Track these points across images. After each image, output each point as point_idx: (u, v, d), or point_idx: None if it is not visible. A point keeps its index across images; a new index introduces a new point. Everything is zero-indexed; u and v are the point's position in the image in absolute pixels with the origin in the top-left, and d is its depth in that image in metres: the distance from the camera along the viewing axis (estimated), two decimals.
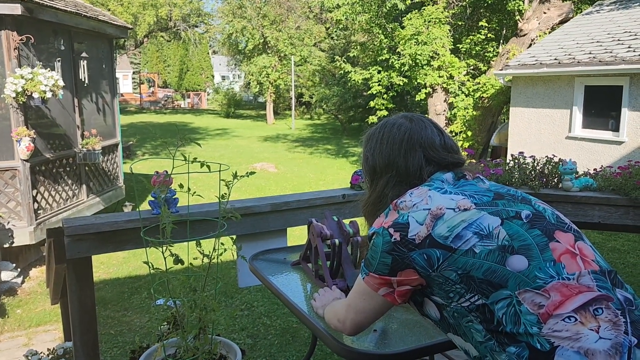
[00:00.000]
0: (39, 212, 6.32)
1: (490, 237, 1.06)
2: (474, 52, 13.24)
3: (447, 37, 12.43)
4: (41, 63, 6.16)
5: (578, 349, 0.93)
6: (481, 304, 1.04)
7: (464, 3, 13.36)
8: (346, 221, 1.98)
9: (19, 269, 6.14)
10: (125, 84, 41.85)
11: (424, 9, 12.42)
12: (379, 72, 13.51)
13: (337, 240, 1.82)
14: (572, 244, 1.09)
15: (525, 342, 0.98)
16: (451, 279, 1.07)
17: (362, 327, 1.29)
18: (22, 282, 6.12)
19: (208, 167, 1.69)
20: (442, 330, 1.20)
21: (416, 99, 14.00)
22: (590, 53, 9.04)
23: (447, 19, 12.64)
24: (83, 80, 7.48)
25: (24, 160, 5.97)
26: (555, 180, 3.07)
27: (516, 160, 3.17)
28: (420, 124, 1.32)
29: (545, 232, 1.09)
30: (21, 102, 5.78)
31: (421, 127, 1.31)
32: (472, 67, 13.11)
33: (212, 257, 1.74)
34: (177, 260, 1.70)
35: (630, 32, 9.21)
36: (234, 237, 2.64)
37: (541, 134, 9.79)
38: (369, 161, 1.35)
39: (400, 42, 12.38)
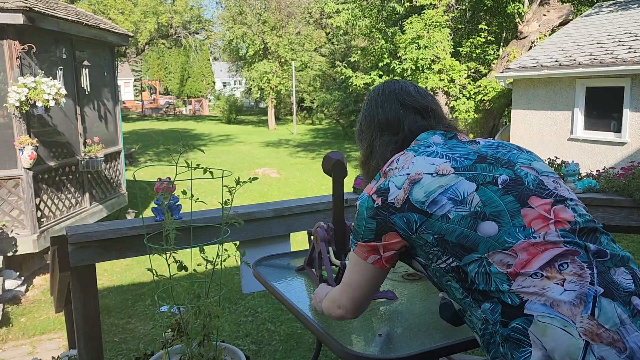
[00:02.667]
0: (42, 220, 6.33)
1: (464, 203, 1.10)
2: (475, 55, 13.26)
3: (448, 40, 12.45)
4: (43, 72, 6.18)
5: (544, 302, 0.99)
6: (455, 265, 1.10)
7: (464, 6, 13.39)
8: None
9: (22, 278, 6.14)
10: (126, 92, 41.97)
11: (424, 13, 12.45)
12: (380, 76, 13.52)
13: (347, 262, 1.83)
14: (547, 209, 1.10)
15: (497, 298, 1.04)
16: (429, 241, 1.13)
17: (361, 303, 1.31)
18: (26, 290, 6.12)
19: (211, 173, 1.69)
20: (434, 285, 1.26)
21: None
22: (590, 54, 9.04)
23: (447, 23, 12.66)
24: (85, 88, 7.50)
25: (27, 168, 5.98)
26: None
27: None
28: (393, 80, 1.43)
29: (519, 198, 1.11)
30: (24, 111, 5.80)
31: (394, 82, 1.42)
32: (472, 70, 13.12)
33: (216, 263, 1.74)
34: (181, 266, 1.70)
35: (630, 33, 9.22)
36: (238, 243, 2.65)
37: (543, 136, 9.78)
38: (357, 129, 1.46)
39: (401, 47, 12.39)
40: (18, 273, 6.10)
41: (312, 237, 1.99)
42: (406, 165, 1.20)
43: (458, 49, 13.22)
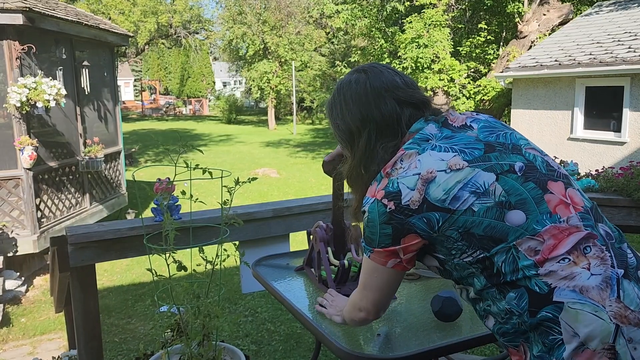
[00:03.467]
0: (42, 220, 6.34)
1: (487, 194, 1.08)
2: (474, 54, 13.26)
3: (448, 40, 12.45)
4: (43, 72, 6.19)
5: (574, 288, 0.99)
6: (482, 257, 1.08)
7: (464, 6, 13.40)
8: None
9: (23, 278, 6.15)
10: (126, 92, 41.98)
11: (424, 12, 12.46)
12: None
13: (345, 262, 1.83)
14: (563, 192, 1.12)
15: (524, 286, 1.03)
16: (452, 237, 1.10)
17: (383, 304, 1.29)
18: (26, 290, 6.13)
19: (210, 173, 1.69)
20: (443, 277, 1.23)
21: None
22: (590, 54, 9.04)
23: (447, 22, 12.66)
24: (85, 88, 7.51)
25: (27, 169, 5.99)
26: None
27: None
28: (375, 70, 1.30)
29: (539, 184, 1.11)
30: (25, 112, 5.81)
31: (377, 74, 1.29)
32: (472, 70, 13.12)
33: (215, 263, 1.74)
34: (181, 267, 1.70)
35: (630, 32, 9.22)
36: (237, 243, 2.65)
37: (543, 135, 9.78)
38: (341, 126, 1.32)
39: (401, 46, 12.40)
40: (18, 273, 6.11)
41: (311, 237, 1.99)
42: (412, 164, 1.14)
43: (458, 48, 13.22)
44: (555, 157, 3.23)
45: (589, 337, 0.96)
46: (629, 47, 8.61)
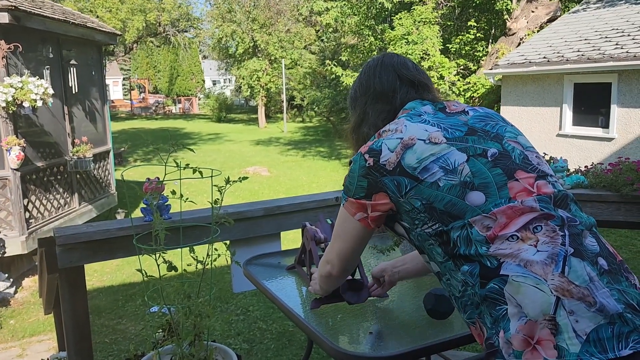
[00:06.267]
0: (30, 221, 6.28)
1: (455, 172, 1.14)
2: (464, 52, 13.31)
3: (437, 37, 12.48)
4: (30, 71, 6.12)
5: (519, 262, 1.04)
6: (440, 230, 1.14)
7: (453, 3, 13.43)
8: None
9: (11, 279, 6.09)
10: (115, 91, 41.64)
11: (414, 10, 12.47)
12: None
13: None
14: (531, 183, 1.16)
15: (477, 261, 1.08)
16: (416, 207, 1.16)
17: (346, 260, 1.36)
18: (15, 292, 6.07)
19: (200, 172, 1.68)
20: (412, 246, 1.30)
21: None
22: (578, 51, 9.10)
23: (437, 19, 12.69)
24: (72, 87, 7.44)
25: (15, 169, 5.92)
26: None
27: None
28: (392, 54, 1.46)
29: (506, 171, 1.16)
30: (11, 111, 5.74)
31: (392, 55, 1.45)
32: (462, 67, 13.17)
33: (206, 263, 1.73)
34: (171, 267, 1.69)
35: (617, 29, 9.29)
36: (228, 242, 2.64)
37: (532, 132, 9.84)
38: (352, 96, 1.48)
39: (391, 43, 12.41)
40: (7, 275, 6.05)
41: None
42: (399, 128, 1.24)
43: (447, 45, 13.26)
44: (545, 154, 3.24)
45: (529, 308, 1.00)
46: (616, 44, 8.68)
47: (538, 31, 11.56)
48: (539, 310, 0.99)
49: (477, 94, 11.78)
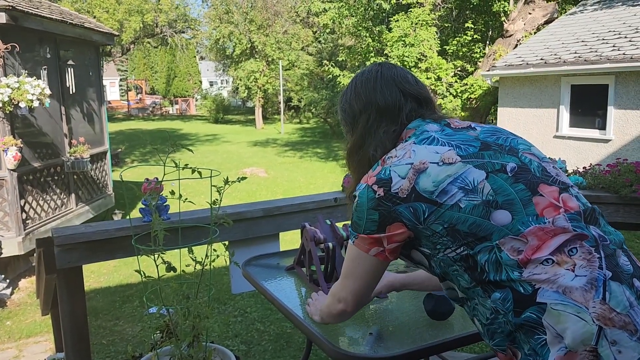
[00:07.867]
0: (27, 222, 6.25)
1: (475, 191, 1.08)
2: (461, 53, 13.33)
3: (434, 39, 12.50)
4: (27, 71, 6.10)
5: (557, 289, 0.98)
6: (465, 254, 1.07)
7: (450, 5, 13.45)
8: (339, 224, 1.97)
9: (8, 280, 6.06)
10: (112, 91, 41.54)
11: (411, 11, 12.49)
12: None
13: (330, 244, 1.82)
14: (556, 197, 1.10)
15: (508, 287, 1.02)
16: (437, 231, 1.09)
17: (362, 296, 1.27)
18: (12, 293, 6.04)
19: (199, 173, 1.67)
20: (431, 274, 1.22)
21: None
22: (575, 52, 9.13)
23: (434, 21, 12.71)
24: (70, 88, 7.41)
25: (11, 170, 5.90)
26: None
27: None
28: (389, 65, 1.36)
29: (529, 186, 1.10)
30: (7, 112, 5.72)
31: (390, 67, 1.35)
32: (459, 69, 13.18)
33: (205, 263, 1.72)
34: (170, 267, 1.68)
35: (614, 31, 9.32)
36: (227, 243, 2.63)
37: (529, 133, 9.86)
38: (347, 110, 1.36)
39: (388, 44, 12.42)
40: (3, 276, 6.02)
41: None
42: (407, 153, 1.16)
43: (445, 47, 13.28)
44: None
45: (570, 338, 0.95)
46: (614, 46, 8.71)
47: (535, 33, 11.59)
48: (580, 341, 0.94)
49: (475, 95, 11.80)
